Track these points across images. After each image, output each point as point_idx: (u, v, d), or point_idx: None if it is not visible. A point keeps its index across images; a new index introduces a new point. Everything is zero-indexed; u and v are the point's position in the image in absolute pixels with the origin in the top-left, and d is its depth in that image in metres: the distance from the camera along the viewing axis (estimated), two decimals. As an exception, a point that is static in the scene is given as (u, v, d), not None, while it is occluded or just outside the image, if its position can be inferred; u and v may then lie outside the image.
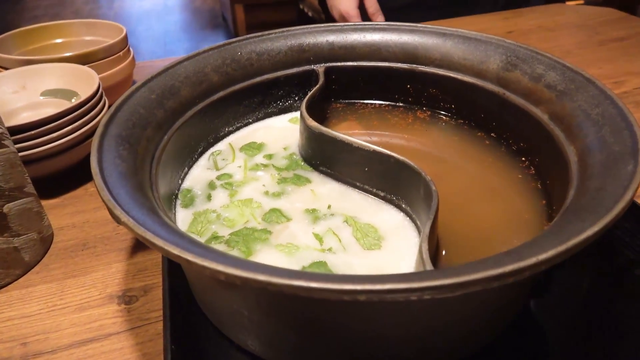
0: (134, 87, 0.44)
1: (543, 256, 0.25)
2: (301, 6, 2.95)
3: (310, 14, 2.73)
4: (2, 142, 0.42)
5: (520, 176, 0.46)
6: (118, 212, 0.29)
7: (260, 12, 3.55)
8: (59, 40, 0.75)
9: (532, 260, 0.25)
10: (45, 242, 0.48)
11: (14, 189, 0.43)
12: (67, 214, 0.53)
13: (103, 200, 0.31)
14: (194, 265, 0.26)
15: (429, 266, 0.30)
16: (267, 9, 3.58)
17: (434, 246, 0.37)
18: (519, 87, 0.48)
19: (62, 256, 0.48)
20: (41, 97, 0.61)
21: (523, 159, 0.48)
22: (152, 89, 0.45)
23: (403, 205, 0.42)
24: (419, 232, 0.40)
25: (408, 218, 0.42)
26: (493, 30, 0.97)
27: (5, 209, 0.43)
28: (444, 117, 0.55)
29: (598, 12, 1.05)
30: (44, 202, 0.54)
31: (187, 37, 4.05)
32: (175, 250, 0.26)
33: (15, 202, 0.44)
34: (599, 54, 0.86)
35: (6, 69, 0.64)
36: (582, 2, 2.76)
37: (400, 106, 0.58)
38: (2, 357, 0.38)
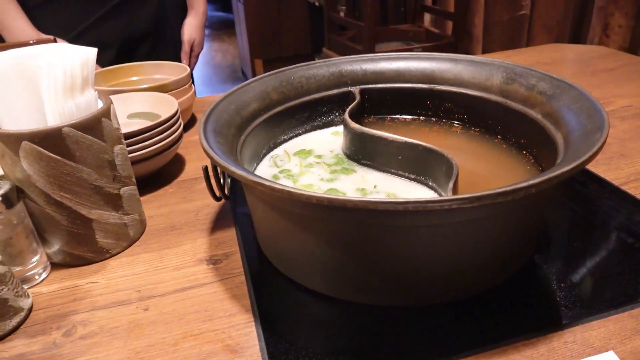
0: (217, 100, 0.57)
1: (533, 181, 0.36)
2: (317, 59, 3.18)
3: (326, 65, 2.95)
4: (121, 139, 0.55)
5: (521, 164, 0.58)
6: (233, 168, 0.42)
7: (278, 66, 3.77)
8: (134, 78, 0.90)
9: (524, 184, 0.36)
10: (143, 223, 0.61)
11: (127, 177, 0.56)
12: (153, 207, 0.66)
13: (219, 164, 0.43)
14: (294, 196, 0.37)
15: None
16: (285, 62, 3.82)
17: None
18: (517, 96, 0.60)
19: (156, 234, 0.60)
20: (127, 119, 0.75)
21: (524, 152, 0.60)
22: (231, 101, 0.59)
23: (430, 184, 0.54)
24: (444, 199, 0.51)
25: (437, 195, 0.53)
26: (497, 66, 1.11)
27: (121, 191, 0.55)
28: (458, 126, 0.68)
29: (590, 49, 1.20)
30: (135, 198, 0.67)
31: (209, 90, 4.29)
32: (281, 187, 0.38)
33: (127, 187, 0.56)
34: (591, 82, 0.99)
35: (97, 98, 0.79)
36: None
37: (422, 119, 0.71)
38: (124, 299, 0.50)
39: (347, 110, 0.63)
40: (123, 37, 1.17)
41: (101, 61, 1.13)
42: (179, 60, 1.33)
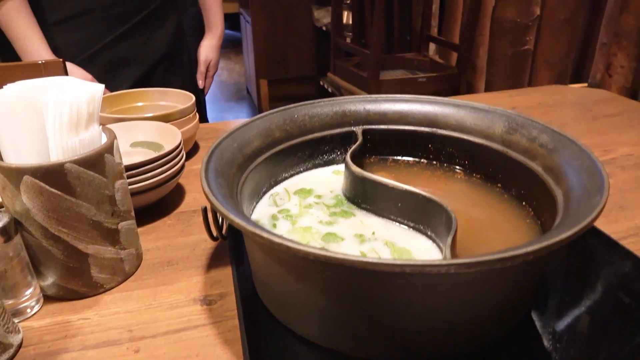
0: (222, 137, 0.58)
1: (530, 248, 0.36)
2: (321, 82, 3.21)
3: (330, 89, 2.97)
4: (123, 174, 0.55)
5: (521, 216, 0.58)
6: (232, 217, 0.42)
7: (283, 86, 3.83)
8: (140, 104, 0.91)
9: (522, 251, 0.36)
10: (139, 258, 0.60)
11: (126, 212, 0.56)
12: (151, 239, 0.65)
13: (219, 211, 0.43)
14: (292, 250, 0.37)
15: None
16: (290, 84, 3.86)
17: (454, 251, 0.48)
18: (519, 147, 0.61)
19: (152, 269, 0.59)
20: (130, 148, 0.76)
21: (524, 203, 0.60)
22: (234, 139, 0.59)
23: (429, 233, 0.54)
24: (442, 254, 0.51)
25: (435, 245, 0.53)
26: (499, 106, 1.12)
27: (120, 226, 0.55)
28: (459, 171, 0.68)
29: (592, 93, 1.21)
30: (133, 229, 0.67)
31: (214, 107, 4.31)
32: (279, 240, 0.38)
33: (125, 222, 0.56)
34: (592, 127, 0.99)
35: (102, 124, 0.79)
36: (586, 85, 2.96)
37: (423, 162, 0.71)
38: (115, 339, 0.49)
39: (349, 152, 0.64)
40: (140, 57, 1.18)
41: (117, 80, 1.14)
42: (194, 81, 1.34)
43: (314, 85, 3.67)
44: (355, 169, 0.59)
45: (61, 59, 1.00)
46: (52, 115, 0.48)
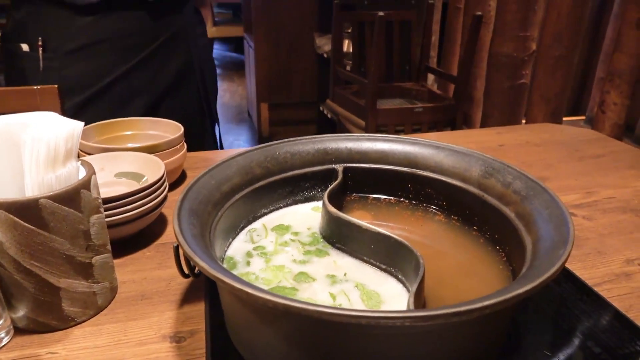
0: (200, 174, 0.58)
1: (487, 302, 0.37)
2: (321, 108, 3.24)
3: (329, 115, 3.00)
4: (100, 209, 0.56)
5: (494, 262, 0.58)
6: (197, 259, 0.42)
7: (284, 111, 3.87)
8: (128, 133, 0.93)
9: (477, 305, 0.36)
10: (113, 291, 0.60)
11: (101, 246, 0.57)
12: (128, 272, 0.66)
13: (186, 253, 0.44)
14: (252, 297, 0.38)
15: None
16: (290, 108, 3.89)
17: (420, 301, 0.48)
18: (494, 191, 0.61)
19: (125, 303, 0.60)
20: (114, 177, 0.77)
21: (498, 248, 0.60)
22: (213, 176, 0.60)
23: (399, 276, 0.54)
24: (411, 296, 0.51)
25: (405, 289, 0.53)
26: (487, 144, 1.14)
27: (94, 260, 0.55)
28: (437, 212, 0.69)
29: (579, 132, 1.22)
30: (111, 261, 0.67)
31: (214, 129, 4.31)
32: (239, 285, 0.38)
33: (100, 256, 0.57)
34: (577, 168, 1.00)
35: (88, 154, 0.80)
36: (583, 117, 2.99)
37: (403, 201, 0.72)
38: (80, 375, 0.49)
39: (328, 190, 0.64)
40: (151, 86, 1.20)
41: (129, 109, 1.15)
42: (203, 111, 1.35)
43: (314, 110, 3.71)
44: (331, 209, 0.60)
45: (56, 85, 1.02)
46: (29, 152, 0.49)
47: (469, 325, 0.43)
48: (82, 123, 0.54)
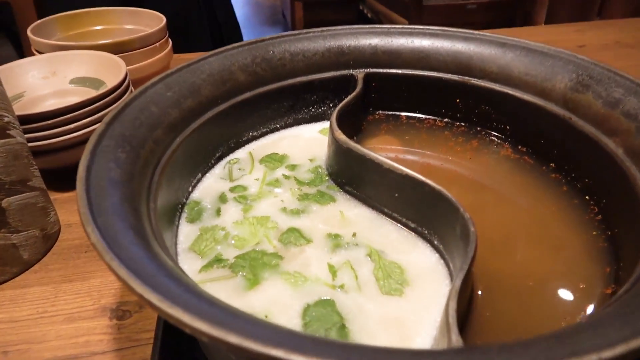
0: (149, 82, 0.40)
1: (607, 354, 0.18)
2: (361, 7, 2.90)
3: (369, 15, 2.68)
4: (7, 132, 0.39)
5: (581, 220, 0.39)
6: (90, 229, 0.25)
7: (320, 11, 3.53)
8: (98, 27, 0.73)
9: (592, 357, 0.18)
10: (49, 239, 0.46)
11: (16, 182, 0.41)
12: (74, 211, 0.50)
13: (79, 213, 0.27)
14: (189, 328, 0.21)
15: (455, 337, 0.24)
16: (327, 8, 3.55)
17: (465, 301, 0.30)
18: (589, 113, 0.40)
19: (63, 256, 0.45)
20: (70, 85, 0.59)
21: (587, 198, 0.40)
22: (170, 86, 0.41)
23: (435, 242, 0.36)
24: (451, 278, 0.33)
25: (442, 261, 0.35)
26: (562, 43, 0.88)
27: (4, 203, 0.40)
28: (495, 140, 0.48)
29: (688, 30, 0.93)
30: (56, 196, 0.52)
31: (245, 32, 4.08)
32: (168, 309, 0.21)
33: (17, 196, 0.41)
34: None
35: (41, 52, 0.63)
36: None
37: (446, 122, 0.51)
38: (-20, 365, 0.36)
39: (339, 107, 0.45)
40: None
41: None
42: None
43: (353, 10, 3.36)
44: (339, 135, 0.41)
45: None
46: None
47: None
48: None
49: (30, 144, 0.45)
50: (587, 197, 0.40)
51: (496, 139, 0.48)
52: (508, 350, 0.19)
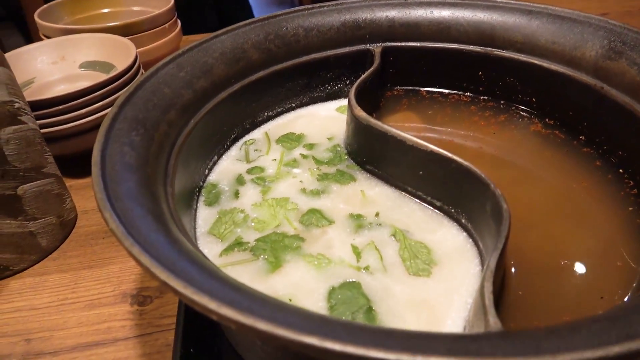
0: (160, 63, 0.39)
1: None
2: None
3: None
4: (19, 117, 0.38)
5: (616, 196, 0.37)
6: (108, 215, 0.24)
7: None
8: (106, 10, 0.72)
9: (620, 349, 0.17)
10: (66, 226, 0.45)
11: (31, 169, 0.40)
12: (92, 197, 0.50)
13: (96, 199, 0.26)
14: (215, 314, 0.20)
15: (493, 319, 0.22)
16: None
17: (499, 281, 0.29)
18: (623, 81, 0.38)
19: (81, 243, 0.44)
20: (80, 69, 0.58)
21: (621, 171, 0.39)
22: (181, 66, 0.40)
23: (463, 221, 0.35)
24: (481, 258, 0.32)
25: (470, 240, 0.34)
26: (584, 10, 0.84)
27: (20, 190, 0.39)
28: (522, 113, 0.46)
29: None
30: (72, 182, 0.51)
31: (259, 11, 4.04)
32: (190, 294, 0.20)
33: (32, 183, 0.40)
34: None
35: (49, 37, 0.62)
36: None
37: (469, 97, 0.49)
38: (3, 353, 0.35)
39: (357, 83, 0.43)
40: None
41: None
42: None
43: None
44: (359, 112, 0.39)
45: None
46: None
47: None
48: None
49: (42, 130, 0.44)
50: (621, 171, 0.38)
51: (524, 113, 0.46)
52: (556, 334, 0.18)
